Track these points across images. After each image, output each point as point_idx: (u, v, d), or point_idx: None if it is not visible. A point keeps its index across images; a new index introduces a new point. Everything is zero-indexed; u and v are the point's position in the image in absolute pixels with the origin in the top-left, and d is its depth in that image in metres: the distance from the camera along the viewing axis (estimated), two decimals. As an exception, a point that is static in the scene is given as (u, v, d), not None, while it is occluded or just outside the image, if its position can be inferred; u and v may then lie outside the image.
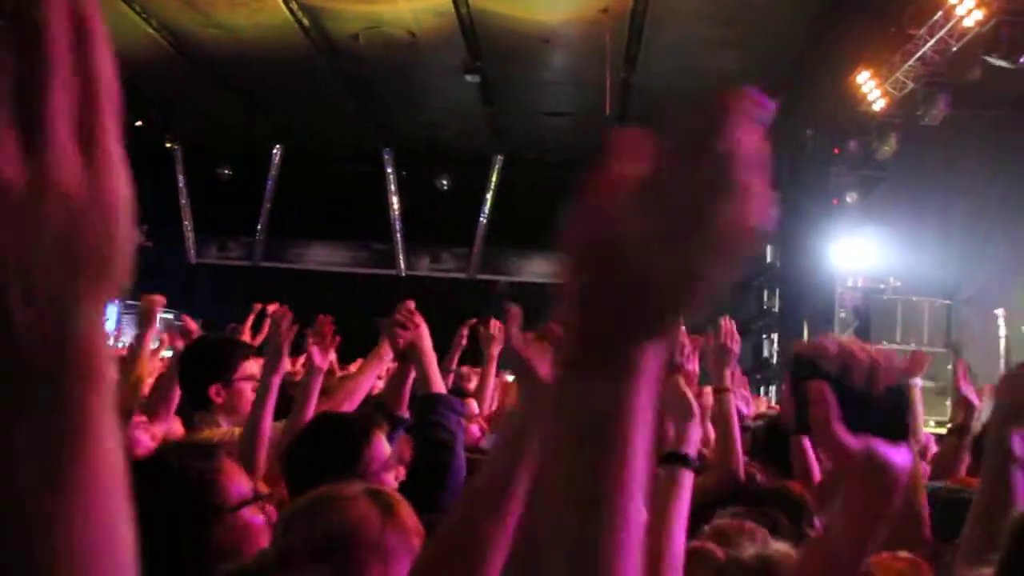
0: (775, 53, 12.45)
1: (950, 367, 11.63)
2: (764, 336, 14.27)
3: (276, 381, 2.91)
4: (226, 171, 18.45)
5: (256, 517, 1.75)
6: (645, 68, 12.69)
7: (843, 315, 13.84)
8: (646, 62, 12.61)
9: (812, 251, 13.81)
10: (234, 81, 14.67)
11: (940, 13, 11.12)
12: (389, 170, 18.02)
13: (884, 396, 1.14)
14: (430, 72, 13.06)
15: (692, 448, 2.04)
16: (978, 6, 10.54)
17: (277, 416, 2.91)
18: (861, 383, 1.12)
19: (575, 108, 13.83)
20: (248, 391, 3.13)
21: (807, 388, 1.13)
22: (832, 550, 1.24)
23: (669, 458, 2.01)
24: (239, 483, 1.77)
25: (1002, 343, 11.83)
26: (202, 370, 3.24)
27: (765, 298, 14.61)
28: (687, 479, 1.97)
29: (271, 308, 4.27)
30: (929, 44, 11.50)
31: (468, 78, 12.69)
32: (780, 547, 1.87)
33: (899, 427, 1.17)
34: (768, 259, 14.70)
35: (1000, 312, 11.90)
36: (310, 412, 2.86)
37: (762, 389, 13.48)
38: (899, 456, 1.16)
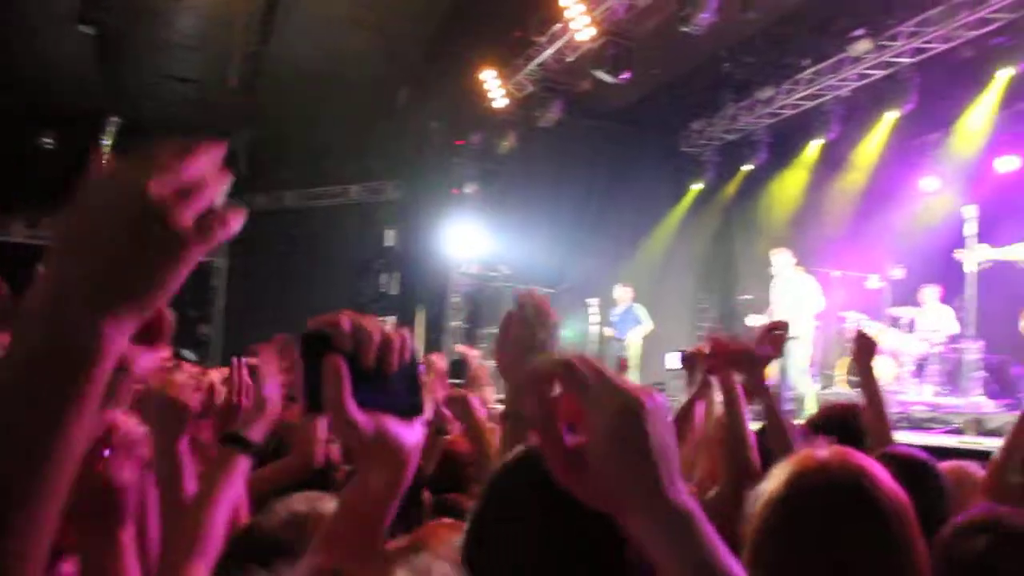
0: (408, 41, 12.70)
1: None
2: (382, 319, 14.53)
3: None
4: None
5: None
6: (277, 42, 12.31)
7: (456, 300, 14.50)
8: (279, 36, 12.23)
9: (431, 237, 14.26)
10: None
11: (560, 25, 11.95)
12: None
13: (397, 374, 1.14)
14: (36, 17, 11.66)
15: (256, 434, 2.01)
16: (591, 24, 11.45)
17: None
18: (373, 361, 1.11)
19: (202, 75, 13.08)
20: None
21: (320, 364, 1.09)
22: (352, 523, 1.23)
23: (228, 439, 1.99)
24: None
25: (594, 328, 13.21)
26: None
27: (383, 281, 14.88)
28: (242, 463, 1.95)
29: None
30: (549, 52, 12.36)
31: (83, 28, 11.47)
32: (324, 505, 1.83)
33: (411, 405, 1.17)
34: (388, 243, 14.99)
35: (594, 301, 13.25)
36: None
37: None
38: (410, 435, 1.16)
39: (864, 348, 3.30)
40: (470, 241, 14.41)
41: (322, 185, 15.59)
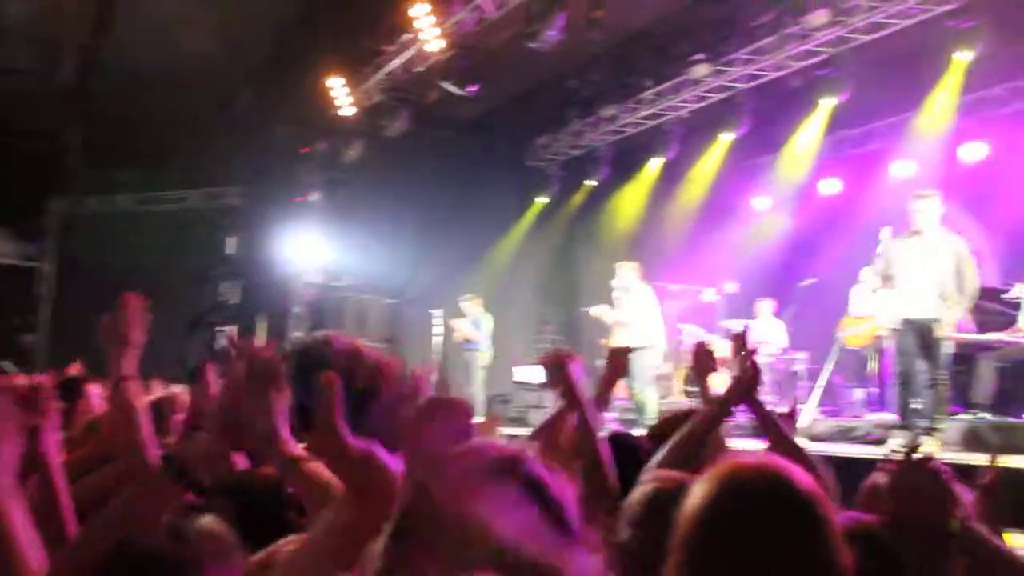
0: (253, 44, 12.37)
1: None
2: (219, 329, 14.06)
3: None
4: None
5: None
6: (114, 36, 11.74)
7: (298, 310, 14.20)
8: (117, 30, 11.67)
9: (273, 246, 13.91)
10: None
11: (409, 35, 11.89)
12: None
13: (386, 402, 1.12)
14: None
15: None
16: (440, 36, 11.45)
17: None
18: (364, 384, 1.08)
19: (32, 67, 12.33)
20: None
21: (312, 382, 1.06)
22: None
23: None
24: None
25: (438, 340, 13.20)
26: None
27: (223, 290, 14.41)
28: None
29: None
30: (397, 62, 12.29)
31: None
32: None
33: (396, 436, 1.16)
34: (229, 250, 14.54)
35: (437, 312, 13.25)
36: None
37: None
38: (396, 464, 1.17)
39: (703, 361, 3.38)
40: (314, 250, 14.13)
41: (160, 189, 14.97)
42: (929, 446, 7.18)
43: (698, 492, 1.49)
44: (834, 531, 1.43)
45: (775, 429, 2.87)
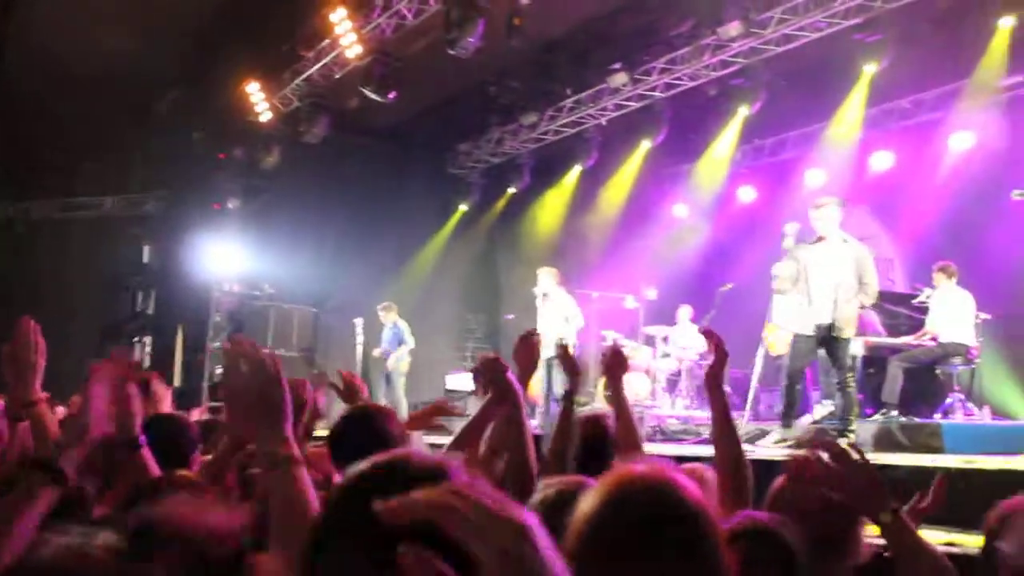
0: (170, 48, 12.12)
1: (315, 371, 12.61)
2: (136, 339, 13.75)
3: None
4: None
5: None
6: (26, 30, 11.32)
7: (218, 319, 13.94)
8: (26, 28, 11.29)
9: (191, 254, 13.65)
10: None
11: (328, 41, 11.84)
12: None
13: None
14: None
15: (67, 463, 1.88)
16: (358, 41, 11.39)
17: None
18: None
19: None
20: None
21: None
22: None
23: (35, 466, 1.86)
24: None
25: (359, 348, 13.08)
26: None
27: (140, 299, 14.08)
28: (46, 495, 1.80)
29: None
30: (316, 68, 12.20)
31: None
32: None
33: None
34: (144, 259, 14.23)
35: (359, 321, 13.14)
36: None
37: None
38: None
39: (614, 363, 3.40)
40: (232, 258, 13.90)
41: (74, 195, 14.55)
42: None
43: (586, 501, 1.50)
44: (717, 541, 1.45)
45: (725, 418, 2.93)
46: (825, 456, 2.10)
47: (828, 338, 7.60)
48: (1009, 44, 10.33)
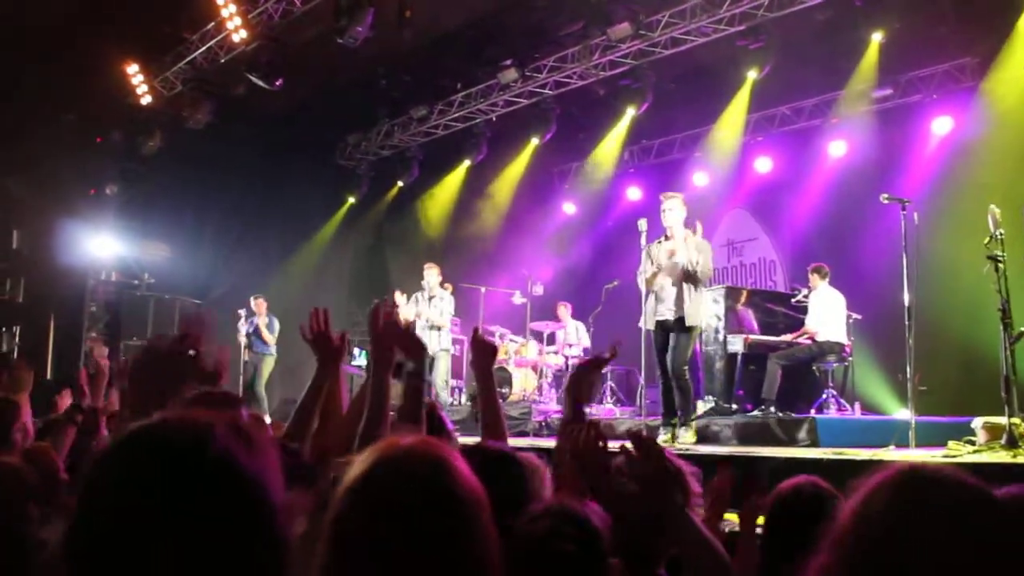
0: (38, 22, 11.45)
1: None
2: (4, 329, 13.07)
3: None
4: None
5: None
6: None
7: (94, 309, 13.40)
8: None
9: (64, 241, 13.04)
10: None
11: (213, 24, 11.51)
12: None
13: None
14: None
15: None
16: (244, 26, 11.14)
17: None
18: None
19: None
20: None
21: None
22: None
23: None
24: None
25: (242, 340, 12.82)
26: None
27: (8, 287, 13.38)
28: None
29: None
30: (200, 51, 11.86)
31: None
32: None
33: None
34: (14, 245, 13.52)
35: (242, 312, 12.85)
36: None
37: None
38: None
39: (481, 350, 3.28)
40: (109, 246, 13.36)
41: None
42: (687, 438, 7.85)
43: (353, 468, 1.46)
44: (485, 523, 1.44)
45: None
46: (629, 447, 2.17)
47: (670, 333, 7.95)
48: (878, 57, 10.80)
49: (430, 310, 10.82)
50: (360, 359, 12.54)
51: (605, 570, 1.95)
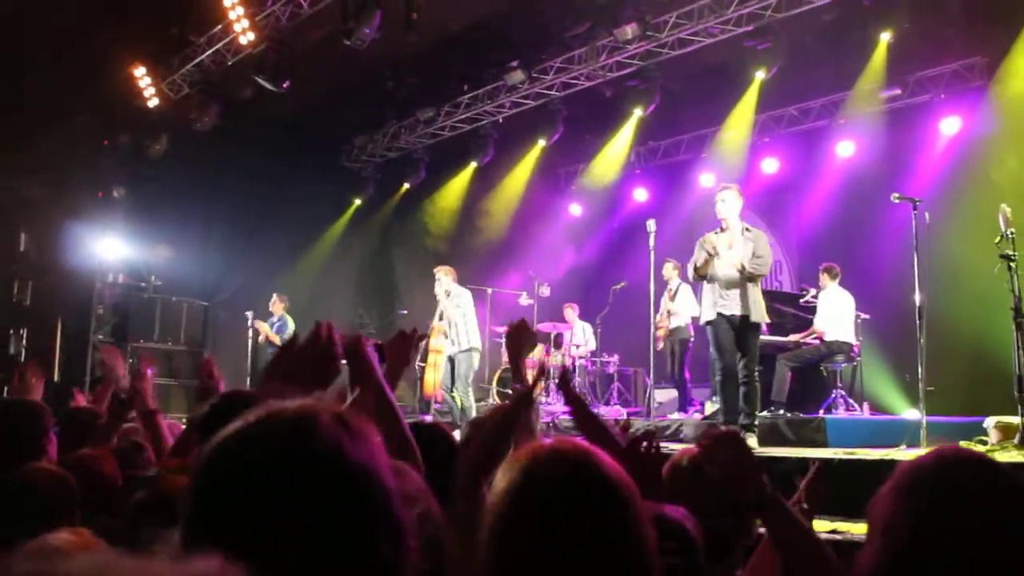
0: (48, 26, 11.50)
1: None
2: (12, 331, 13.08)
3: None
4: None
5: None
6: None
7: (101, 311, 13.42)
8: None
9: (73, 243, 13.05)
10: None
11: (220, 27, 11.50)
12: None
13: None
14: None
15: None
16: (251, 28, 11.12)
17: None
18: None
19: None
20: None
21: None
22: None
23: None
24: None
25: (249, 342, 12.85)
26: None
27: (15, 290, 13.40)
28: None
29: None
30: (207, 54, 11.84)
31: None
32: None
33: None
34: (22, 248, 13.54)
35: (250, 314, 12.91)
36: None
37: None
38: None
39: (520, 337, 3.19)
40: (117, 249, 13.38)
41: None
42: (750, 440, 7.34)
43: (502, 476, 1.47)
44: (638, 513, 1.45)
45: (585, 415, 2.90)
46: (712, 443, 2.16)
47: (737, 329, 7.63)
48: (886, 58, 10.77)
49: (453, 310, 10.78)
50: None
51: None
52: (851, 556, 1.94)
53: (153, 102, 12.44)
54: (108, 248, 13.27)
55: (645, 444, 2.33)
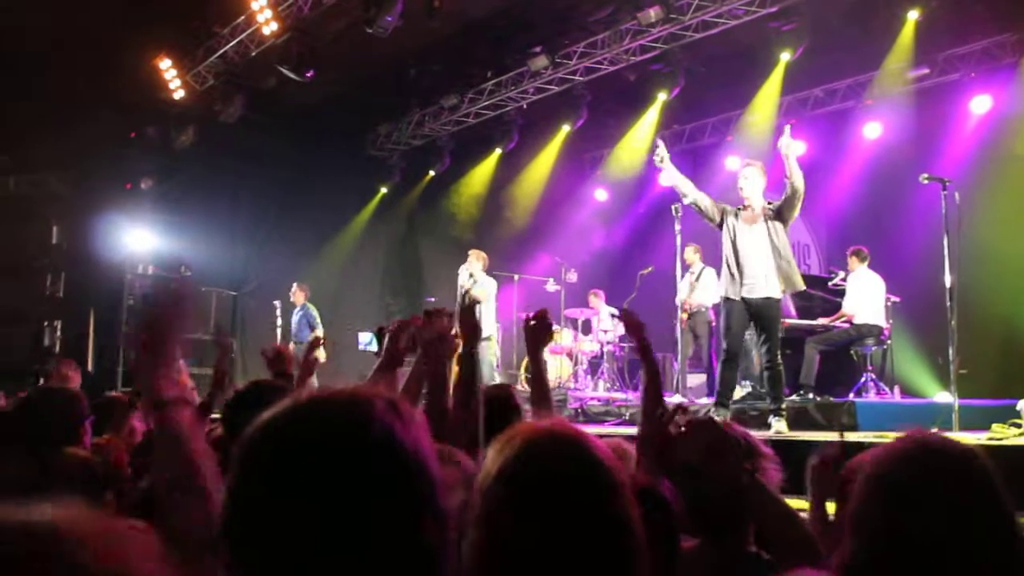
0: (74, 20, 11.58)
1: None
2: (46, 323, 13.26)
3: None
4: None
5: None
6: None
7: (132, 302, 13.54)
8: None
9: (103, 235, 13.16)
10: None
11: (243, 17, 11.55)
12: None
13: None
14: None
15: None
16: (274, 19, 11.18)
17: None
18: None
19: None
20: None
21: None
22: None
23: None
24: None
25: (278, 331, 12.93)
26: None
27: (48, 283, 13.56)
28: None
29: None
30: (231, 44, 11.90)
31: None
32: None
33: None
34: (54, 240, 13.69)
35: (277, 304, 12.98)
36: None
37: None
38: None
39: (538, 329, 3.31)
40: (146, 240, 13.49)
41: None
42: (780, 426, 7.13)
43: (492, 457, 1.47)
44: (624, 495, 1.45)
45: (653, 377, 3.04)
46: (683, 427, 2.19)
47: (758, 313, 7.30)
48: (914, 36, 10.63)
49: (479, 290, 10.84)
50: (372, 345, 12.56)
51: (675, 540, 1.98)
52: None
53: (179, 94, 12.52)
54: (137, 239, 13.37)
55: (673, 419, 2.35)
